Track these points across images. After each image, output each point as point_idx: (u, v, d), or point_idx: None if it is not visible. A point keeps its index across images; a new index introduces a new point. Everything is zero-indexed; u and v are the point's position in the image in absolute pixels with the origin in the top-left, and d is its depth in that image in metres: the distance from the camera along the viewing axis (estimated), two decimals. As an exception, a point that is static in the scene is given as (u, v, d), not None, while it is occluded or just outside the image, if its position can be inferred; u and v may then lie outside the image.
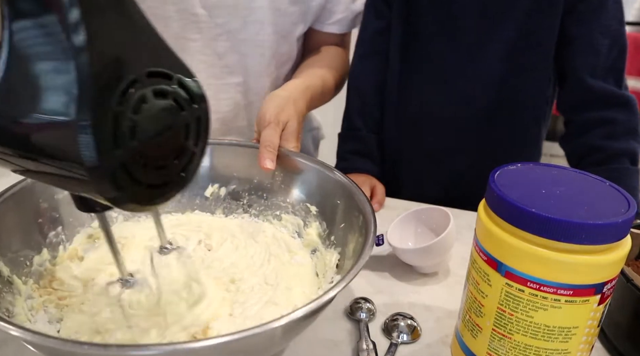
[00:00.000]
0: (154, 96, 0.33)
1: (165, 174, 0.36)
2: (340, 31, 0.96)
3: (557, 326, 0.44)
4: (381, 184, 0.92)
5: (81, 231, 0.62)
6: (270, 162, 0.63)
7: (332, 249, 0.59)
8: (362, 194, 0.57)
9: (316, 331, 0.59)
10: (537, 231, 0.42)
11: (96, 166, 0.30)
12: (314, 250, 0.62)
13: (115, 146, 0.31)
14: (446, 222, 0.67)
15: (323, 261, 0.59)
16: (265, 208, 0.68)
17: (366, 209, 0.54)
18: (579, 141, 0.89)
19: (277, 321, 0.38)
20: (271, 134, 0.65)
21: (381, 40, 0.96)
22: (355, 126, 0.99)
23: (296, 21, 0.90)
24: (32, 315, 0.52)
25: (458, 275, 0.70)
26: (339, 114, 1.02)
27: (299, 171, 0.65)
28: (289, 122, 0.70)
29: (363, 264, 0.45)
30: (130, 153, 0.32)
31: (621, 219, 0.41)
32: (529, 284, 0.44)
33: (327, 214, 0.62)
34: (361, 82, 0.99)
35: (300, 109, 0.74)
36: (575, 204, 0.43)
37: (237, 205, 0.69)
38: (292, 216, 0.66)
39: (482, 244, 0.47)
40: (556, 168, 0.50)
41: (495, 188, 0.45)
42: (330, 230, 0.61)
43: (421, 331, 0.59)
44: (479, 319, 0.49)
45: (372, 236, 0.50)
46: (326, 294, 0.41)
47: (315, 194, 0.64)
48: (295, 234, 0.65)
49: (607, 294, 0.44)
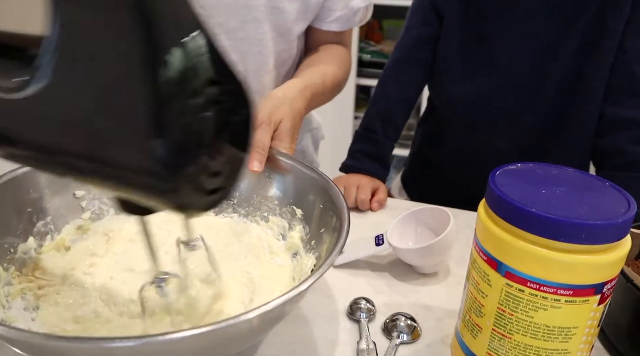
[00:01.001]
0: (212, 103, 0.32)
1: (220, 180, 0.36)
2: (339, 29, 0.96)
3: (557, 326, 0.44)
4: (384, 186, 0.93)
5: (71, 222, 0.63)
6: (258, 164, 0.63)
7: (310, 254, 0.59)
8: (341, 196, 0.57)
9: (316, 331, 0.59)
10: (537, 231, 0.42)
11: (169, 178, 0.30)
12: (295, 254, 0.62)
13: (187, 160, 0.31)
14: (446, 222, 0.67)
15: (301, 266, 0.60)
16: (254, 209, 0.68)
17: (342, 210, 0.54)
18: (606, 140, 0.88)
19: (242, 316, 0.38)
20: (262, 135, 0.65)
21: (422, 48, 0.95)
22: (373, 128, 0.98)
23: (295, 19, 0.90)
24: (7, 301, 0.52)
25: (458, 275, 0.70)
26: (339, 114, 1.02)
27: (287, 174, 0.65)
28: (282, 122, 0.69)
29: (329, 265, 0.45)
30: (198, 165, 0.32)
31: (621, 219, 0.41)
32: (529, 284, 0.44)
33: (311, 218, 0.62)
34: (391, 87, 0.98)
35: (297, 108, 0.74)
36: (575, 204, 0.43)
37: (227, 204, 0.69)
38: (279, 218, 0.66)
39: (482, 244, 0.47)
40: (556, 168, 0.50)
41: (495, 188, 0.45)
42: (311, 234, 0.61)
43: (421, 331, 0.59)
44: (479, 319, 0.49)
45: (342, 238, 0.49)
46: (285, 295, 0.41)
47: (301, 198, 0.64)
48: (280, 236, 0.65)
49: (607, 294, 0.44)
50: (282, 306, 0.41)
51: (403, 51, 0.98)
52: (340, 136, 2.14)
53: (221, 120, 0.33)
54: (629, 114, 0.85)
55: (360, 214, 0.86)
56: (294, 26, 0.90)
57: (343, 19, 0.94)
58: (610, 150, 0.87)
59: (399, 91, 0.98)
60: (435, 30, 0.94)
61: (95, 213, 0.66)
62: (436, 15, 0.93)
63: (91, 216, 0.65)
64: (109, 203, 0.67)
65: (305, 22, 0.92)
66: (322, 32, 0.96)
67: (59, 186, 0.62)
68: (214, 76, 0.31)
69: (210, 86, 0.31)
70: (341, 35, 0.98)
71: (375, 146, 0.98)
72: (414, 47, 0.96)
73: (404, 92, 0.98)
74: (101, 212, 0.67)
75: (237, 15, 0.85)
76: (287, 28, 0.90)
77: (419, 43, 0.96)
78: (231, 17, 0.85)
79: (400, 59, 0.98)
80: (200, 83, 0.30)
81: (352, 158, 0.98)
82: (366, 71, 2.34)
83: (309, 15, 0.91)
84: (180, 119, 0.30)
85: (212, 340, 0.41)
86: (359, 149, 0.98)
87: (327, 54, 0.96)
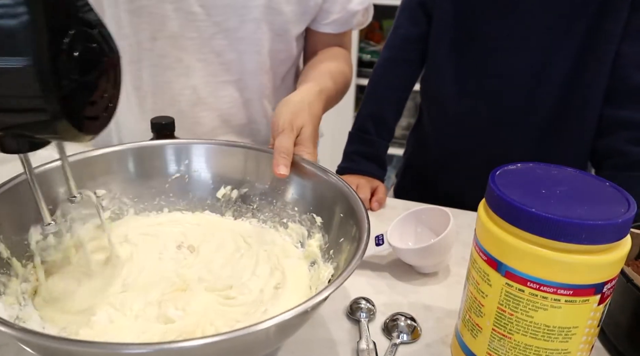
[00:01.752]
0: (85, 41, 0.40)
1: (95, 110, 0.43)
2: (336, 31, 0.96)
3: (557, 326, 0.44)
4: (383, 185, 0.92)
5: (90, 220, 0.63)
6: (285, 168, 0.62)
7: (329, 264, 0.58)
8: (362, 205, 0.56)
9: (316, 331, 0.59)
10: (537, 231, 0.42)
11: (49, 89, 0.37)
12: (313, 262, 0.61)
13: (62, 76, 0.38)
14: (446, 222, 0.67)
15: (318, 275, 0.59)
16: (274, 215, 0.67)
17: (362, 220, 0.54)
18: (605, 141, 0.88)
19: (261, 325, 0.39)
20: (285, 141, 0.65)
21: (411, 48, 0.95)
22: (366, 129, 0.98)
23: (293, 20, 0.90)
24: (24, 298, 0.53)
25: (458, 275, 0.70)
26: (339, 114, 1.03)
27: (310, 180, 0.65)
28: (303, 128, 0.69)
29: (348, 276, 0.45)
30: (72, 84, 0.39)
31: (621, 219, 0.41)
32: (529, 284, 0.44)
33: (330, 227, 0.61)
34: (381, 88, 0.98)
35: (315, 112, 0.73)
36: (575, 204, 0.43)
37: (247, 209, 0.69)
38: (298, 225, 0.65)
39: (482, 244, 0.47)
40: (556, 168, 0.50)
41: (495, 188, 0.45)
42: (330, 243, 0.60)
43: (421, 331, 0.59)
44: (479, 319, 0.49)
45: (362, 249, 0.49)
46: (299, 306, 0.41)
47: (323, 206, 0.63)
48: (298, 243, 0.64)
49: (607, 294, 0.44)
50: (299, 316, 0.40)
51: (392, 51, 0.97)
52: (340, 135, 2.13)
53: (95, 56, 0.42)
54: (628, 115, 0.85)
55: (360, 214, 0.86)
56: (291, 27, 0.90)
57: (340, 21, 0.94)
58: (610, 151, 0.87)
59: (389, 92, 0.97)
60: (423, 30, 0.93)
61: (115, 212, 0.66)
62: (424, 15, 0.92)
63: (111, 215, 0.66)
64: (129, 202, 0.67)
65: (303, 24, 0.92)
66: (320, 34, 0.96)
67: (81, 184, 0.62)
68: (85, 18, 0.40)
69: (82, 27, 0.40)
70: (340, 37, 0.98)
71: (370, 146, 0.97)
72: (403, 46, 0.96)
73: (394, 92, 0.98)
74: (121, 212, 0.67)
75: (236, 15, 0.85)
76: (285, 29, 0.90)
77: (407, 43, 0.95)
78: (230, 17, 0.85)
79: (389, 59, 0.97)
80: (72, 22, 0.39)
81: (348, 160, 0.98)
82: (366, 71, 2.34)
83: (308, 17, 0.91)
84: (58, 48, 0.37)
85: (226, 348, 0.40)
86: (355, 150, 0.98)
87: (331, 57, 0.95)
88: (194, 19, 0.85)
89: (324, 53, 0.97)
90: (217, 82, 0.91)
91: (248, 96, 0.94)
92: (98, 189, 0.65)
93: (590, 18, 0.82)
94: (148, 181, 0.68)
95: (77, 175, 0.61)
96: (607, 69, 0.85)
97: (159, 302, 0.53)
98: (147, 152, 0.68)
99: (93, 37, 0.41)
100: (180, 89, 0.90)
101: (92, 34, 0.41)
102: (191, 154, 0.69)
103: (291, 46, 0.93)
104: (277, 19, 0.87)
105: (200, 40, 0.86)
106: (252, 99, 0.94)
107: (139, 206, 0.68)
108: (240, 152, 0.69)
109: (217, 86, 0.91)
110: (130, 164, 0.67)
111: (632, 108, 0.85)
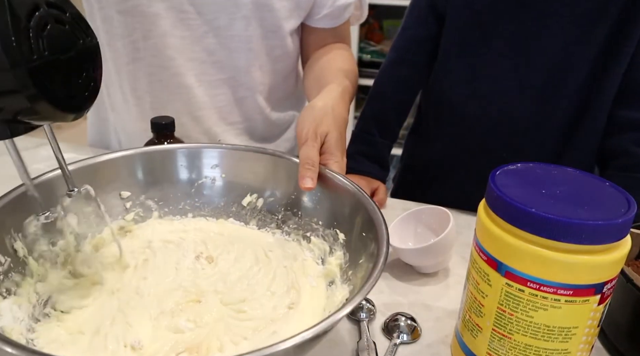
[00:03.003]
0: (56, 22, 0.43)
1: (70, 88, 0.44)
2: (329, 26, 0.94)
3: (557, 326, 0.44)
4: (384, 185, 0.92)
5: (114, 222, 0.63)
6: (310, 181, 0.60)
7: (345, 286, 0.56)
8: (384, 224, 0.53)
9: (316, 331, 0.59)
10: (537, 231, 0.42)
11: (18, 62, 0.39)
12: (331, 282, 0.59)
13: (31, 52, 0.40)
14: (446, 222, 0.67)
15: (333, 297, 0.56)
16: (298, 227, 0.66)
17: (382, 240, 0.51)
18: (612, 140, 0.87)
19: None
20: (309, 151, 0.63)
21: (418, 49, 0.93)
22: (369, 130, 0.97)
23: (286, 16, 0.89)
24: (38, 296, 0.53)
25: (458, 275, 0.70)
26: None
27: (335, 193, 0.62)
28: (328, 135, 0.66)
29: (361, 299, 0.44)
30: (42, 60, 0.41)
31: (621, 219, 0.41)
32: (529, 284, 0.44)
33: (351, 245, 0.59)
34: (386, 89, 0.96)
35: (340, 115, 0.71)
36: (575, 204, 0.43)
37: (271, 219, 0.67)
38: (321, 240, 0.63)
39: (482, 244, 0.47)
40: (556, 168, 0.50)
41: (495, 188, 0.45)
42: (350, 263, 0.58)
43: (421, 331, 0.59)
44: (479, 319, 0.49)
45: (378, 269, 0.47)
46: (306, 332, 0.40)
47: (347, 222, 0.60)
48: (319, 259, 0.63)
49: (607, 294, 0.44)
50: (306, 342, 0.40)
51: (399, 52, 0.96)
52: (340, 136, 2.13)
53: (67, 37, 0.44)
54: (636, 116, 0.84)
55: (360, 214, 0.86)
56: (284, 23, 0.90)
57: (332, 16, 0.93)
58: (615, 151, 0.86)
59: (394, 93, 0.96)
60: (432, 32, 0.92)
61: (140, 215, 0.66)
62: (434, 16, 0.91)
63: (134, 217, 0.66)
64: (153, 206, 0.67)
65: (297, 19, 0.92)
66: (316, 30, 0.95)
67: (106, 185, 0.63)
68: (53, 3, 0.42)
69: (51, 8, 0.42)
70: (336, 32, 0.97)
71: (372, 147, 0.97)
72: (410, 48, 0.94)
73: (399, 94, 0.96)
74: (146, 214, 0.66)
75: (226, 13, 0.85)
76: (277, 25, 0.89)
77: (415, 44, 0.94)
78: (220, 15, 0.85)
79: (395, 60, 0.96)
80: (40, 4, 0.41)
81: (351, 160, 0.97)
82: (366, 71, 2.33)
83: (301, 12, 0.91)
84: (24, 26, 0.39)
85: None
86: (357, 150, 0.97)
87: (338, 55, 0.94)
88: (186, 17, 0.84)
89: (334, 51, 0.96)
90: (211, 81, 0.91)
91: (242, 93, 0.94)
92: (123, 191, 0.65)
93: (612, 21, 0.80)
94: (173, 184, 0.68)
95: (101, 177, 0.62)
96: (623, 72, 0.83)
97: (172, 311, 0.53)
98: (173, 155, 0.68)
99: (63, 20, 0.44)
100: (175, 89, 0.90)
101: (62, 18, 0.44)
102: (220, 158, 0.68)
103: (285, 42, 0.93)
104: (268, 15, 0.87)
105: (192, 38, 0.86)
106: (246, 97, 0.94)
107: (164, 210, 0.67)
108: (269, 160, 0.67)
109: (210, 84, 0.91)
110: (155, 167, 0.67)
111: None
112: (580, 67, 0.83)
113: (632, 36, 0.81)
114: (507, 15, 0.84)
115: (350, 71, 0.90)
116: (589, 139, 0.89)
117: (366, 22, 2.57)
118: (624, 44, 0.81)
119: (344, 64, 0.91)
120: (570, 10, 0.81)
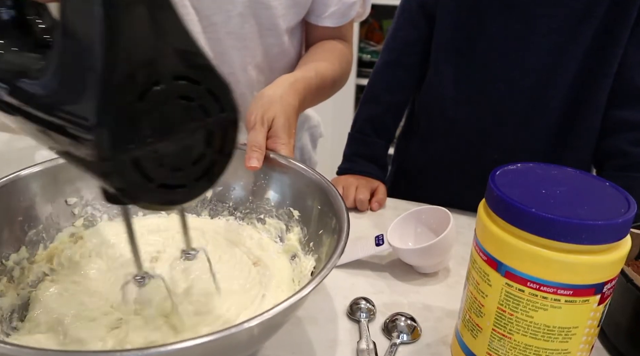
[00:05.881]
0: (180, 98, 0.34)
1: (181, 177, 0.36)
2: (335, 24, 0.94)
3: (557, 326, 0.44)
4: (383, 185, 0.92)
5: (64, 229, 0.62)
6: (256, 161, 0.62)
7: (310, 256, 0.59)
8: (339, 197, 0.56)
9: (316, 331, 0.59)
10: (537, 231, 0.42)
11: (107, 157, 0.32)
12: (293, 256, 0.61)
13: (129, 141, 0.32)
14: (446, 222, 0.67)
15: (300, 268, 0.59)
16: (250, 211, 0.67)
17: (341, 212, 0.53)
18: (608, 141, 0.87)
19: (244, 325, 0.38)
20: (256, 135, 0.65)
21: (410, 51, 0.93)
22: (365, 131, 0.97)
23: (282, 14, 0.89)
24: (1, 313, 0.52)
25: (458, 275, 0.70)
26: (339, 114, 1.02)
27: (285, 175, 0.64)
28: (274, 119, 0.69)
29: (332, 268, 0.44)
30: (144, 149, 0.33)
31: (621, 219, 0.41)
32: (529, 285, 0.44)
33: (309, 220, 0.61)
34: (380, 92, 0.96)
35: (288, 103, 0.73)
36: (575, 204, 0.43)
37: (222, 207, 0.69)
38: (276, 220, 0.65)
39: (482, 244, 0.47)
40: (556, 168, 0.50)
41: (495, 188, 0.45)
42: (310, 236, 0.60)
43: (421, 331, 0.59)
44: (479, 319, 0.49)
45: (343, 240, 0.48)
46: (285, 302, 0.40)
47: (298, 198, 0.63)
48: (277, 238, 0.64)
49: (607, 294, 0.44)
50: (284, 312, 0.40)
51: (391, 54, 0.96)
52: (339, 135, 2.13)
53: (188, 117, 0.35)
54: (631, 116, 0.84)
55: (360, 214, 0.86)
56: (281, 21, 0.89)
57: (338, 14, 0.93)
58: (612, 151, 0.86)
59: (388, 96, 0.96)
60: (423, 33, 0.92)
61: (89, 219, 0.65)
62: (424, 17, 0.91)
63: (84, 223, 0.64)
64: (102, 208, 0.66)
65: (294, 17, 0.91)
66: (319, 28, 0.95)
67: (50, 194, 0.61)
68: (182, 72, 0.34)
69: (175, 80, 0.33)
70: (339, 30, 0.97)
71: (369, 148, 0.97)
72: (402, 50, 0.94)
73: (393, 96, 0.96)
74: (94, 218, 0.65)
75: (222, 10, 0.85)
76: (274, 23, 0.89)
77: (407, 46, 0.94)
78: (216, 12, 0.85)
79: (387, 62, 0.96)
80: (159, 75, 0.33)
81: (349, 161, 0.98)
82: (366, 71, 2.34)
83: (300, 10, 0.91)
84: (127, 107, 0.32)
85: (212, 348, 0.40)
86: (354, 152, 0.97)
87: (323, 49, 0.95)
88: (186, 12, 0.84)
89: (321, 46, 0.95)
90: None
91: (240, 90, 0.94)
92: (69, 197, 0.63)
93: (597, 21, 0.81)
94: None
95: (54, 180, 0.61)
96: (614, 72, 0.84)
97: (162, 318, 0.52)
98: None
99: (189, 95, 0.35)
100: None
101: (189, 93, 0.35)
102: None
103: (282, 40, 0.92)
104: (265, 13, 0.87)
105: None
106: (244, 94, 0.94)
107: (113, 212, 0.66)
108: None
109: None
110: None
111: (637, 109, 0.84)
112: (569, 67, 0.84)
113: (618, 36, 0.81)
114: (495, 17, 0.85)
115: (322, 66, 0.88)
116: (582, 140, 0.89)
117: (366, 22, 2.57)
118: (611, 44, 0.82)
119: (322, 59, 0.90)
120: (557, 11, 0.81)
